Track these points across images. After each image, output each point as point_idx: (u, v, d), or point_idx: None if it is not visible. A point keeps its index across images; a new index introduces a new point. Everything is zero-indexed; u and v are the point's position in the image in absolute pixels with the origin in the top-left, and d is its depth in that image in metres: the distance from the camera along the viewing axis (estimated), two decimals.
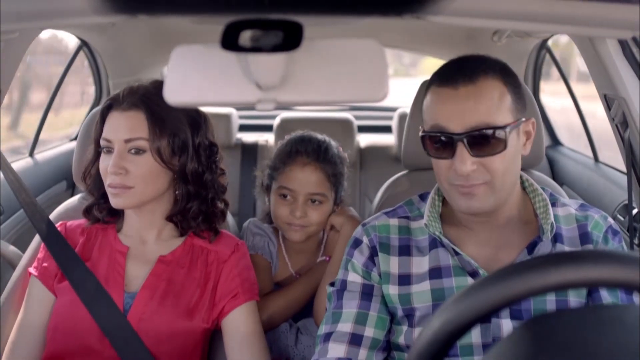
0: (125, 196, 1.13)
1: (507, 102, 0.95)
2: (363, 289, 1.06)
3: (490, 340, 0.98)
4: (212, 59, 0.57)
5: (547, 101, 2.66)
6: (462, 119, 0.93)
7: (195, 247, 1.23)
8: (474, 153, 0.93)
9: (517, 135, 0.97)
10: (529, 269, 0.53)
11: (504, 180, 0.96)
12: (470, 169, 0.93)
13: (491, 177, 0.95)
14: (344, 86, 0.58)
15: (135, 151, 1.12)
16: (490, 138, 0.93)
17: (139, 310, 1.14)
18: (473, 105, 0.93)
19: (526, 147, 1.00)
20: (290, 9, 0.59)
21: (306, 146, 1.42)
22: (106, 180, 1.14)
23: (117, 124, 1.13)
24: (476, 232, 1.04)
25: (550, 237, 1.00)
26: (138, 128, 1.12)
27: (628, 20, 0.70)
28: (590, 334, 0.51)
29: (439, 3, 0.64)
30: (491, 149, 0.93)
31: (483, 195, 0.96)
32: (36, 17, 0.78)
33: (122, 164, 1.11)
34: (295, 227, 1.41)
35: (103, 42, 2.18)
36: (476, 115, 0.93)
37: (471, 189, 0.95)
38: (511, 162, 0.97)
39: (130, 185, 1.12)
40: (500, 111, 0.94)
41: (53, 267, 1.19)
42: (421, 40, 2.52)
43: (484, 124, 0.93)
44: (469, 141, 0.93)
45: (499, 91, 0.95)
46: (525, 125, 0.99)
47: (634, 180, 1.31)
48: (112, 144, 1.13)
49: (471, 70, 0.95)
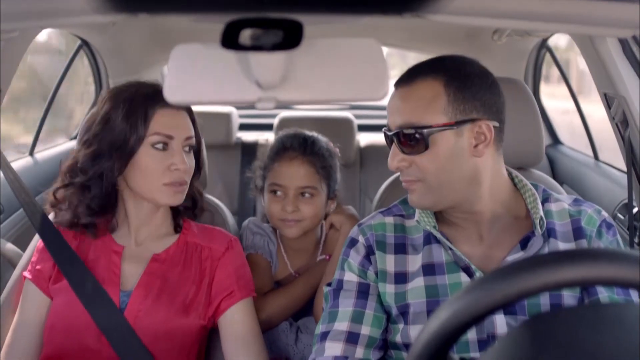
0: (183, 193, 1.18)
1: (440, 103, 0.96)
2: (359, 288, 1.06)
3: (485, 336, 0.98)
4: (212, 57, 0.57)
5: (549, 105, 2.65)
6: (394, 118, 1.00)
7: (189, 245, 1.24)
8: (403, 150, 0.99)
9: (455, 136, 0.96)
10: (528, 269, 0.53)
11: (438, 179, 0.98)
12: (397, 165, 1.00)
13: (423, 175, 0.99)
14: (344, 85, 0.58)
15: (189, 149, 1.19)
16: (412, 137, 0.97)
17: (135, 308, 1.14)
18: (401, 104, 0.99)
19: (479, 149, 0.98)
20: (290, 8, 0.59)
21: (292, 141, 1.44)
22: (165, 178, 1.14)
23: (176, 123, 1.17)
24: (466, 229, 1.05)
25: (542, 232, 1.01)
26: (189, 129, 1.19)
27: (628, 19, 0.70)
28: (590, 333, 0.51)
29: (439, 2, 0.64)
30: (415, 148, 0.97)
31: (419, 192, 1.01)
32: (36, 16, 0.78)
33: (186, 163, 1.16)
34: (289, 223, 1.42)
35: (103, 41, 2.18)
36: (403, 115, 0.98)
37: (407, 184, 1.02)
38: (447, 163, 0.97)
39: (188, 180, 1.19)
40: (428, 112, 0.96)
41: (47, 269, 1.19)
42: (421, 39, 2.52)
43: (408, 124, 0.97)
44: (397, 139, 0.99)
45: (433, 92, 0.96)
46: (473, 127, 0.97)
47: (634, 179, 1.30)
48: (173, 141, 1.15)
49: (413, 72, 1.00)
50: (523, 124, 1.35)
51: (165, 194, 1.15)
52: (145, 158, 1.13)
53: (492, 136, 0.98)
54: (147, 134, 1.13)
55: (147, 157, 1.13)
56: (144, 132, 1.12)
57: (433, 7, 0.65)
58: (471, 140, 0.98)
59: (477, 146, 0.98)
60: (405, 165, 0.99)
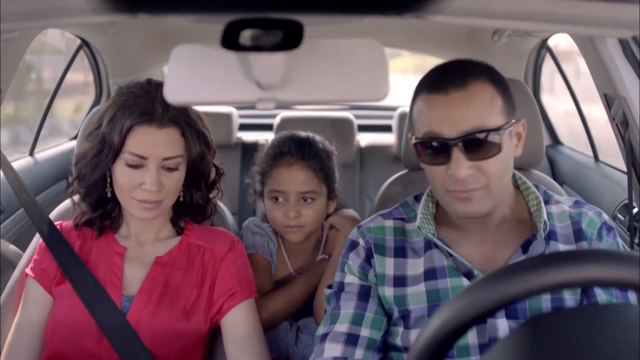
0: (155, 210, 1.14)
1: (498, 104, 0.96)
2: (360, 290, 1.06)
3: (487, 340, 0.98)
4: (213, 58, 0.57)
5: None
6: (455, 124, 0.94)
7: (191, 246, 1.23)
8: (470, 157, 0.93)
9: (509, 137, 0.97)
10: (526, 269, 0.53)
11: (500, 182, 0.97)
12: (467, 173, 0.93)
13: (488, 180, 0.95)
14: (345, 85, 0.58)
15: (173, 167, 1.13)
16: (485, 141, 0.93)
17: (137, 314, 1.14)
18: (465, 109, 0.94)
19: (518, 148, 1.01)
20: (290, 9, 0.59)
21: (289, 146, 1.43)
22: (136, 195, 1.12)
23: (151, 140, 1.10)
24: (470, 233, 1.04)
25: (544, 235, 1.00)
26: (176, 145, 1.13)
27: (628, 20, 0.70)
28: (590, 334, 0.51)
29: (439, 2, 0.64)
30: (486, 152, 0.94)
31: (480, 199, 0.96)
32: (36, 16, 0.78)
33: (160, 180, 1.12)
34: (292, 229, 1.42)
35: (103, 41, 2.18)
36: (469, 120, 0.93)
37: (468, 193, 0.95)
38: (506, 164, 0.97)
39: (162, 199, 1.14)
40: (493, 114, 0.95)
41: (52, 269, 1.18)
42: (421, 39, 2.52)
43: (477, 128, 0.93)
44: (464, 146, 0.93)
45: (490, 94, 0.95)
46: (516, 126, 1.00)
47: (634, 179, 1.30)
48: (147, 161, 1.10)
49: (460, 74, 0.95)
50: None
51: (135, 208, 1.14)
52: (118, 172, 1.12)
53: (525, 133, 1.00)
54: (122, 151, 1.10)
55: (120, 172, 1.12)
56: (118, 147, 1.10)
57: (433, 7, 0.65)
58: (514, 139, 0.99)
59: (517, 145, 1.00)
60: (471, 172, 0.94)
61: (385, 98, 0.58)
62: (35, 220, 1.22)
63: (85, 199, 1.19)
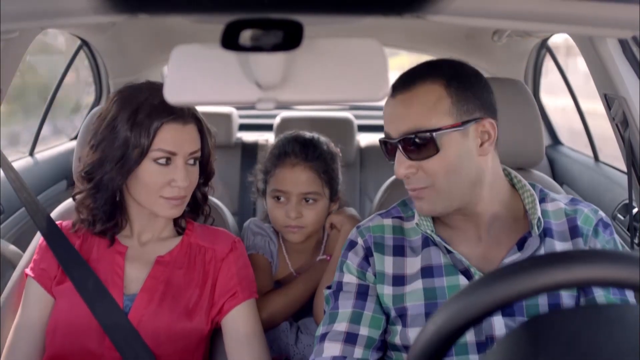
0: (181, 206, 1.17)
1: (444, 105, 0.96)
2: (358, 289, 1.06)
3: (484, 338, 0.98)
4: (212, 58, 0.57)
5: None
6: (396, 125, 0.98)
7: (192, 246, 1.23)
8: (410, 157, 0.97)
9: (461, 137, 0.97)
10: (526, 269, 0.53)
11: (448, 182, 0.97)
12: (405, 172, 0.98)
13: (432, 180, 0.97)
14: (344, 85, 0.58)
15: (194, 162, 1.17)
16: (420, 142, 0.96)
17: (138, 313, 1.14)
18: (404, 110, 0.97)
19: (484, 148, 0.99)
20: (290, 9, 0.59)
21: (294, 146, 1.43)
22: (165, 192, 1.13)
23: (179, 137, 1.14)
24: (465, 231, 1.05)
25: (539, 232, 1.01)
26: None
27: (628, 20, 0.70)
28: (590, 334, 0.51)
29: (439, 3, 0.64)
30: (425, 153, 0.96)
31: (429, 199, 0.99)
32: (36, 16, 0.78)
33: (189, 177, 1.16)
34: (293, 229, 1.42)
35: (103, 41, 2.18)
36: (407, 121, 0.97)
37: (417, 192, 1.00)
38: (455, 165, 0.97)
39: (187, 194, 1.18)
40: (434, 115, 0.96)
41: (52, 269, 1.18)
42: (421, 39, 2.52)
43: (414, 129, 0.96)
44: (403, 146, 0.97)
45: (436, 95, 0.96)
46: (478, 126, 0.98)
47: (634, 179, 1.31)
48: (176, 157, 1.13)
49: (409, 77, 0.99)
50: (523, 124, 1.35)
51: (163, 207, 1.15)
52: (147, 172, 1.12)
53: (495, 133, 0.99)
54: (150, 149, 1.10)
55: (148, 171, 1.12)
56: (147, 146, 1.10)
57: (433, 7, 0.65)
58: (477, 139, 0.98)
59: (483, 145, 0.99)
60: (413, 172, 0.98)
61: (385, 98, 0.58)
62: (37, 219, 1.22)
63: (102, 208, 1.17)
